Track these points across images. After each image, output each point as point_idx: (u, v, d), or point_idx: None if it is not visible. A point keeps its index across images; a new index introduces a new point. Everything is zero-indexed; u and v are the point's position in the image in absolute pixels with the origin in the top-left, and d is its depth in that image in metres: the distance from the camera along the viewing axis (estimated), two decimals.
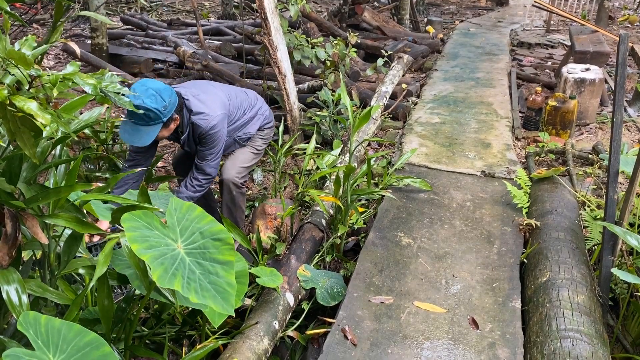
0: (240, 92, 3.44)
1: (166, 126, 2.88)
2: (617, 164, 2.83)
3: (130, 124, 2.77)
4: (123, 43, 7.62)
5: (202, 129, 3.02)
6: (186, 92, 3.05)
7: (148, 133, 2.79)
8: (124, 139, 2.79)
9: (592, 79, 5.13)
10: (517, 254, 3.15)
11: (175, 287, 1.62)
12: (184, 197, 3.12)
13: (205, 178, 3.16)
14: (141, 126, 2.77)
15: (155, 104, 2.74)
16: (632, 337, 2.72)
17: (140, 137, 2.79)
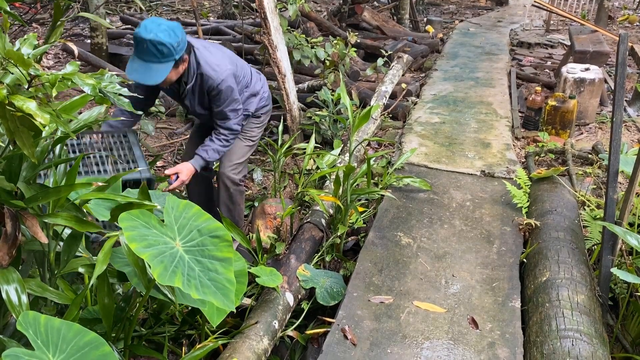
0: (246, 65, 3.33)
1: (176, 67, 2.78)
2: (617, 163, 2.84)
3: (140, 62, 2.67)
4: (123, 42, 7.61)
5: (212, 82, 2.90)
6: (195, 42, 2.95)
7: (159, 71, 2.69)
8: (133, 77, 2.68)
9: (592, 78, 5.13)
10: (517, 254, 3.15)
11: (175, 284, 1.62)
12: (211, 149, 3.06)
13: (232, 133, 3.09)
14: (152, 64, 2.67)
15: (169, 38, 2.64)
16: (631, 337, 2.72)
17: (152, 75, 2.69)
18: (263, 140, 4.70)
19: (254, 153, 4.85)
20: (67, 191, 1.76)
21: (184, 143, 4.96)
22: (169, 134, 5.15)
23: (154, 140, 5.02)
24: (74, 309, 1.82)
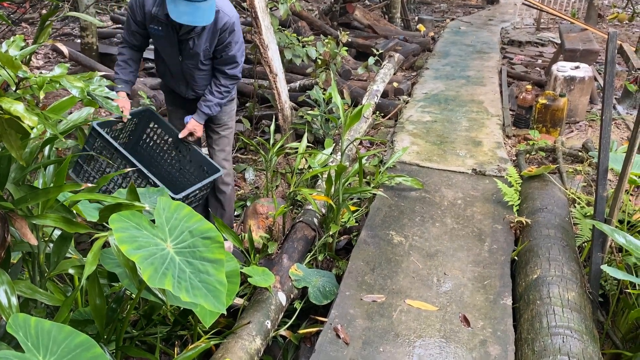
0: None
1: None
2: (607, 161, 2.86)
3: (185, 4, 2.65)
4: (113, 42, 7.57)
5: (228, 19, 2.86)
6: None
7: (207, 10, 2.70)
8: (184, 20, 2.66)
9: (582, 76, 5.16)
10: (508, 252, 3.16)
11: (166, 286, 1.62)
12: (213, 104, 3.08)
13: (232, 82, 3.10)
14: (200, 3, 2.66)
15: None
16: (621, 333, 2.74)
17: (202, 15, 2.69)
18: (255, 139, 4.70)
19: (246, 152, 4.85)
20: (57, 192, 1.75)
21: None
22: None
23: None
24: (64, 310, 1.82)
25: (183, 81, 3.14)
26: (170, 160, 3.28)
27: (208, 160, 3.16)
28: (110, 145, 2.75)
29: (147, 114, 3.24)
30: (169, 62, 3.07)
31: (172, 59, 3.03)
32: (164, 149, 3.28)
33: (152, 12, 2.85)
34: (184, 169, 3.24)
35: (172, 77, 3.17)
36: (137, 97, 4.89)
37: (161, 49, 3.05)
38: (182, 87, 3.18)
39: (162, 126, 3.23)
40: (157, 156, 3.29)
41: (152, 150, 3.29)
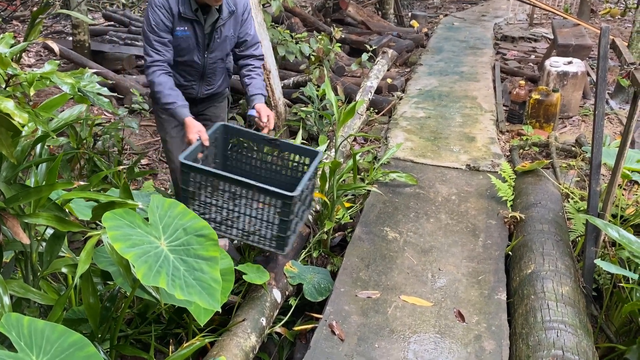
0: None
1: None
2: (600, 156, 2.86)
3: None
4: (105, 40, 7.52)
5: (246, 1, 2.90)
6: None
7: None
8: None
9: (575, 72, 5.18)
10: (502, 247, 3.17)
11: (160, 284, 1.61)
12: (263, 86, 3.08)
13: (261, 62, 3.12)
14: None
15: None
16: (615, 327, 2.75)
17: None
18: None
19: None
20: (48, 191, 1.73)
21: None
22: (153, 132, 5.10)
23: (138, 138, 4.97)
24: (57, 309, 1.80)
25: (200, 79, 3.08)
26: (261, 164, 3.14)
27: (303, 147, 3.04)
28: (208, 173, 2.62)
29: (222, 129, 3.08)
30: (190, 61, 2.98)
31: (196, 57, 2.96)
32: (251, 157, 3.13)
33: (180, 11, 2.77)
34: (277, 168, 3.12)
35: (187, 79, 3.06)
36: (130, 95, 4.87)
37: (182, 51, 2.94)
38: (197, 87, 3.09)
39: (242, 135, 3.08)
40: (247, 166, 3.16)
41: (241, 162, 3.16)
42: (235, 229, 2.73)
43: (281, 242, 2.68)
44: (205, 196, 2.69)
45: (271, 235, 2.67)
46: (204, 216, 2.73)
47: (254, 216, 2.66)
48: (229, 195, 2.65)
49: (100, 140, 3.80)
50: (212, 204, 2.70)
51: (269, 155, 3.12)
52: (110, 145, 3.82)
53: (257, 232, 2.70)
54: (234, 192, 2.63)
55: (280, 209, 2.56)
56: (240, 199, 2.64)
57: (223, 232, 2.75)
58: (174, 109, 2.82)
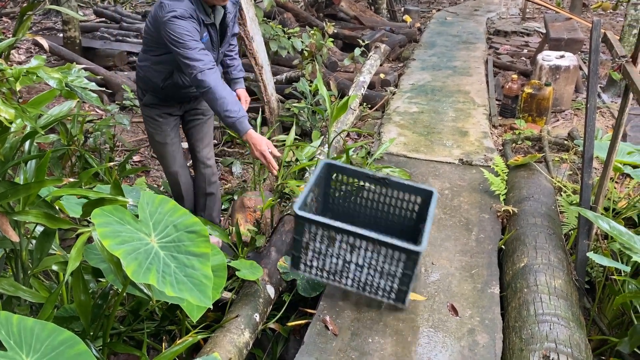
0: None
1: None
2: (592, 149, 2.87)
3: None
4: (96, 36, 7.47)
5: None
6: None
7: None
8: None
9: (567, 65, 5.19)
10: (495, 241, 3.18)
11: (150, 281, 1.60)
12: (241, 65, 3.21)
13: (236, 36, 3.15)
14: None
15: None
16: (607, 319, 2.77)
17: None
18: None
19: (233, 146, 4.82)
20: (37, 188, 1.72)
21: None
22: (145, 128, 5.07)
23: (130, 135, 4.94)
24: (48, 307, 1.79)
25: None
26: (366, 202, 3.01)
27: (414, 186, 2.89)
28: (327, 226, 2.50)
29: (325, 167, 2.98)
30: None
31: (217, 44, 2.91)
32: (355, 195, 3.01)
33: (202, 18, 2.68)
34: (384, 208, 2.99)
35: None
36: (121, 91, 4.84)
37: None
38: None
39: (346, 172, 2.98)
40: (351, 205, 3.05)
41: (344, 201, 3.04)
42: (350, 280, 2.63)
43: (402, 295, 2.56)
44: (319, 247, 2.59)
45: (390, 287, 2.56)
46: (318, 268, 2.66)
47: (373, 268, 2.54)
48: (346, 246, 2.54)
49: (92, 137, 3.77)
50: (328, 255, 2.61)
51: (374, 193, 2.98)
52: (101, 142, 3.79)
53: (376, 284, 2.59)
54: (352, 244, 2.52)
55: (405, 262, 2.44)
56: (359, 250, 2.53)
57: (338, 282, 2.65)
58: (238, 120, 2.62)
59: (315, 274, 2.69)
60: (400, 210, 2.96)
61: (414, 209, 2.92)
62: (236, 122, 2.62)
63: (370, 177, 2.93)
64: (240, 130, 2.64)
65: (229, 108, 2.58)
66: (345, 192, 3.03)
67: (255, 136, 2.64)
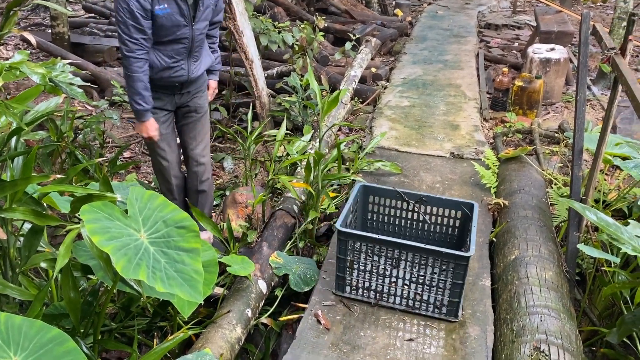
0: None
1: None
2: (581, 141, 2.88)
3: None
4: (85, 32, 7.41)
5: None
6: None
7: None
8: None
9: (557, 58, 5.20)
10: (486, 233, 3.19)
11: (140, 277, 1.59)
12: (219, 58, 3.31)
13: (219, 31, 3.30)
14: None
15: None
16: (598, 310, 2.78)
17: None
18: (232, 128, 4.65)
19: (224, 141, 4.80)
20: (24, 184, 1.70)
21: None
22: None
23: (120, 131, 4.91)
24: (37, 304, 1.78)
25: (188, 56, 2.99)
26: (405, 223, 3.04)
27: (453, 200, 2.92)
28: (370, 239, 2.53)
29: (362, 190, 3.03)
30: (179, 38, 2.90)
31: (182, 33, 2.88)
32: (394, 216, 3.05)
33: None
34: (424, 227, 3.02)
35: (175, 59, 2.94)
36: (110, 87, 4.80)
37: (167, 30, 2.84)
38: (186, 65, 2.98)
39: (383, 194, 3.01)
40: (390, 227, 3.08)
41: (383, 223, 3.08)
42: (398, 297, 2.62)
43: (453, 308, 2.53)
44: (364, 265, 2.59)
45: (441, 301, 2.55)
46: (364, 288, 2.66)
47: (420, 282, 2.54)
48: (391, 261, 2.54)
49: (81, 133, 3.74)
50: (373, 273, 2.61)
51: (414, 212, 3.00)
52: (91, 139, 3.76)
53: (425, 299, 2.58)
54: (398, 258, 2.52)
55: (454, 271, 2.43)
56: (405, 264, 2.53)
57: (386, 302, 2.64)
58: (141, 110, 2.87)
59: (362, 294, 2.69)
60: (440, 226, 2.99)
61: (455, 224, 2.94)
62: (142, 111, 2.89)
63: (408, 196, 2.95)
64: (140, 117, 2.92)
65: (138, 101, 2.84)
66: (383, 214, 3.07)
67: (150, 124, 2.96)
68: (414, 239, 3.03)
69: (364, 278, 2.64)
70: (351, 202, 2.85)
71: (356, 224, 3.05)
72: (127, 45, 2.70)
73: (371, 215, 3.10)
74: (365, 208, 3.09)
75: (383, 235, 2.68)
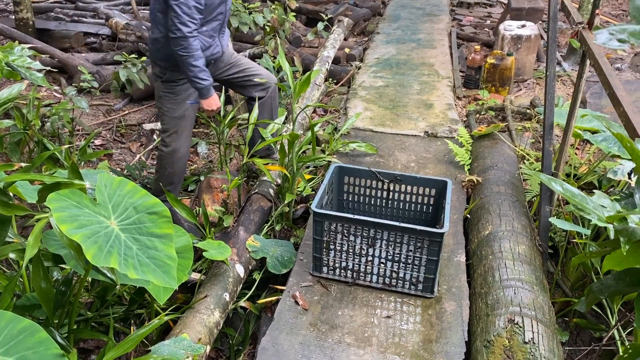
0: None
1: None
2: (552, 116, 2.91)
3: None
4: (51, 17, 7.20)
5: None
6: None
7: None
8: None
9: (528, 35, 5.24)
10: (461, 210, 3.22)
11: (111, 264, 1.57)
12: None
13: None
14: None
15: None
16: (570, 282, 2.85)
17: None
18: None
19: (197, 126, 4.74)
20: None
21: (122, 119, 4.78)
22: (106, 111, 4.95)
23: (91, 118, 4.81)
24: (7, 296, 1.74)
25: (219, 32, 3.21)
26: (380, 202, 3.07)
27: (427, 178, 2.96)
28: (345, 219, 2.56)
29: (337, 171, 3.05)
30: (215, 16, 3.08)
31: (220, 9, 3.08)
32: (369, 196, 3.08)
33: None
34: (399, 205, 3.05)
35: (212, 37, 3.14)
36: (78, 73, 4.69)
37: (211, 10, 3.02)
38: (219, 41, 3.23)
39: (358, 174, 3.04)
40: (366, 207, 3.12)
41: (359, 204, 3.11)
42: (375, 276, 2.65)
43: (428, 284, 2.58)
44: (341, 245, 2.62)
45: (417, 278, 2.58)
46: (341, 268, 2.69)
47: (397, 260, 2.57)
48: (367, 240, 2.58)
49: (49, 121, 3.65)
50: (350, 252, 2.63)
51: (390, 191, 3.03)
52: (60, 127, 3.68)
53: (401, 277, 2.61)
54: (373, 237, 2.55)
55: (428, 248, 2.47)
56: (381, 243, 2.56)
57: (363, 280, 2.68)
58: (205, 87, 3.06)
59: (339, 274, 2.72)
60: (415, 204, 3.03)
61: (430, 201, 2.98)
62: (208, 87, 3.09)
63: (383, 175, 2.98)
64: (205, 93, 3.11)
65: (204, 77, 3.04)
66: (359, 194, 3.11)
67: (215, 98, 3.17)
68: (390, 217, 3.07)
69: (341, 258, 2.67)
70: (326, 183, 2.87)
71: (332, 205, 3.07)
72: (188, 25, 2.86)
73: (347, 196, 3.13)
74: (340, 189, 3.11)
75: (359, 215, 2.71)
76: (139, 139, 4.56)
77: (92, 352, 2.69)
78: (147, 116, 4.91)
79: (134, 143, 4.51)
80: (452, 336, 2.39)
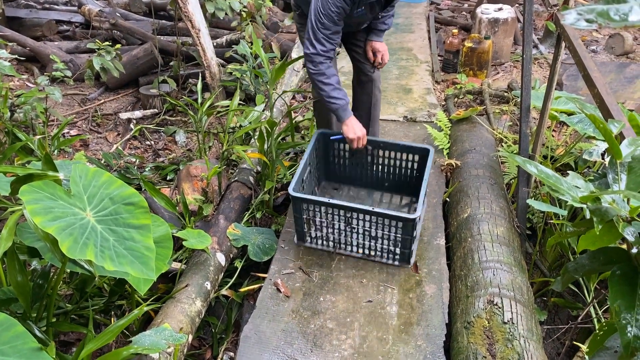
0: None
1: None
2: (529, 99, 2.93)
3: None
4: (21, 4, 7.00)
5: None
6: None
7: None
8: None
9: (505, 18, 5.25)
10: (440, 194, 3.24)
11: (87, 257, 1.54)
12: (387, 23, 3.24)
13: None
14: None
15: None
16: (548, 262, 2.89)
17: None
18: (182, 100, 4.53)
19: (175, 114, 4.69)
20: None
21: (97, 109, 4.70)
22: (81, 100, 4.85)
23: (66, 108, 4.72)
24: None
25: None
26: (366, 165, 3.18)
27: (409, 145, 3.06)
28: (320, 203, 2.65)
29: (321, 137, 3.12)
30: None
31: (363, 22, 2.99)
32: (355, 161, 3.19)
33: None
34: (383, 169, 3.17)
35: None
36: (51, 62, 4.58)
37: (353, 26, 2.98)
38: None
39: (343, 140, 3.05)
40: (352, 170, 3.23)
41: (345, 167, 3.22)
42: (355, 247, 2.76)
43: (405, 257, 2.70)
44: (320, 221, 2.72)
45: (394, 251, 2.69)
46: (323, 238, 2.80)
47: (373, 237, 2.67)
48: (345, 219, 2.66)
49: (22, 111, 3.56)
50: (330, 227, 2.73)
51: (373, 155, 3.13)
52: (33, 117, 3.60)
53: (379, 249, 2.72)
54: (350, 217, 2.64)
55: (402, 228, 2.57)
56: (358, 221, 2.65)
57: (344, 250, 2.80)
58: (341, 107, 2.83)
59: (321, 244, 2.84)
60: (400, 169, 3.14)
61: (414, 166, 3.09)
62: (340, 108, 2.83)
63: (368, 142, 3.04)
64: (340, 116, 2.87)
65: (335, 95, 2.80)
66: (344, 158, 3.21)
67: (351, 124, 2.88)
68: (375, 182, 3.22)
69: (322, 232, 2.78)
70: (307, 154, 2.95)
71: (319, 173, 3.18)
72: (324, 44, 2.70)
73: (334, 159, 3.23)
74: (327, 153, 3.21)
75: (347, 177, 2.86)
76: (116, 129, 4.49)
77: (74, 344, 2.66)
78: (124, 105, 4.83)
79: (110, 132, 4.44)
80: (432, 319, 2.41)
